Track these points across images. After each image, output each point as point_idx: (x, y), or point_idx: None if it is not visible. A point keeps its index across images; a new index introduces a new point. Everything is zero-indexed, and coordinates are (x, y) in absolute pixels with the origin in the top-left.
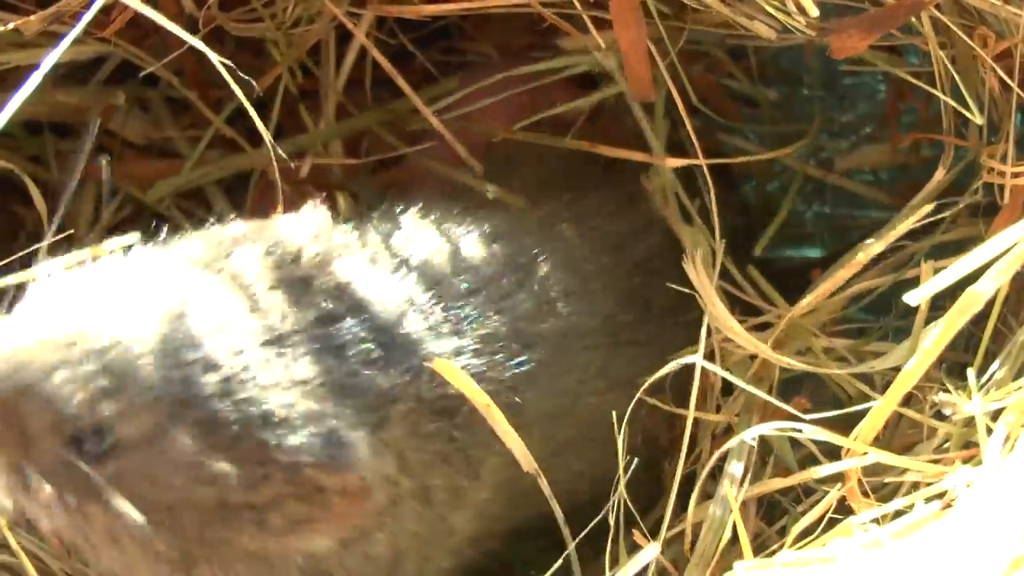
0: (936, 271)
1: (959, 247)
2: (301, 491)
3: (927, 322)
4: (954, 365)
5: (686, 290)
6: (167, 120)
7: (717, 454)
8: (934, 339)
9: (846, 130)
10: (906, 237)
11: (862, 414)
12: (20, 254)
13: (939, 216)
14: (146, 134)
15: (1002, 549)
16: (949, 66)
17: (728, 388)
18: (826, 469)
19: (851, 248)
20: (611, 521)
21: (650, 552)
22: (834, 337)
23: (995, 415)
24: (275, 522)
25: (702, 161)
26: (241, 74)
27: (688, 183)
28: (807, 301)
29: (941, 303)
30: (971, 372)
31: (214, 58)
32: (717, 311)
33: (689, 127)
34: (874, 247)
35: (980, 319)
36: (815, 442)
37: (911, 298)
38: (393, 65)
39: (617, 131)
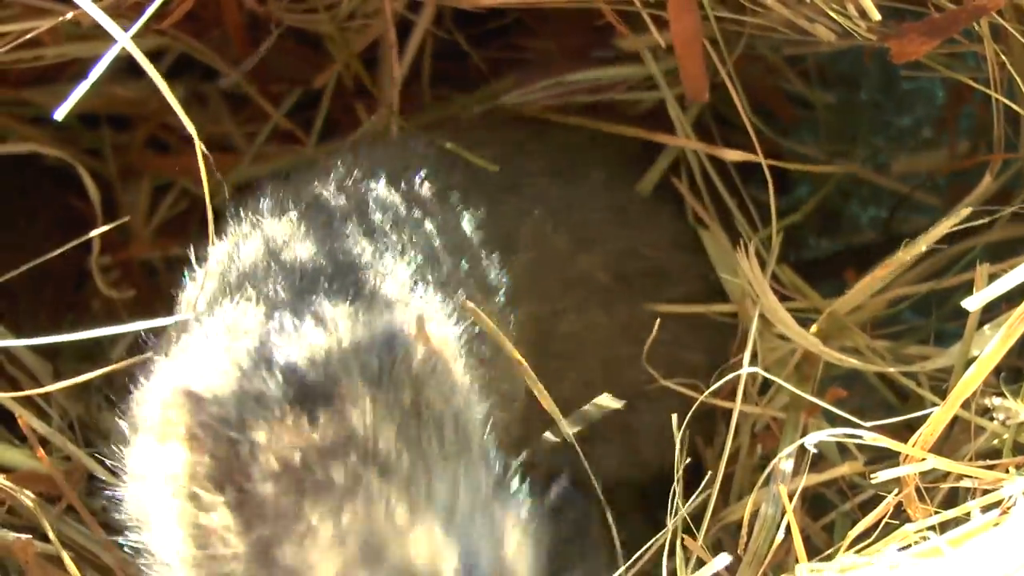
0: (991, 276)
1: (1009, 248)
2: None
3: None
4: (1005, 369)
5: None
6: (225, 114)
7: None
8: (995, 344)
9: (903, 134)
10: (954, 239)
11: (914, 417)
12: (73, 243)
13: (987, 219)
14: (203, 128)
15: None
16: (1010, 68)
17: (765, 383)
18: (885, 474)
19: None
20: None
21: (722, 560)
22: (876, 338)
23: None
24: None
25: (759, 159)
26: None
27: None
28: (847, 297)
29: (990, 304)
30: None
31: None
32: (769, 302)
33: (746, 120)
34: (915, 246)
35: None
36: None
37: (970, 304)
38: (449, 63)
39: None
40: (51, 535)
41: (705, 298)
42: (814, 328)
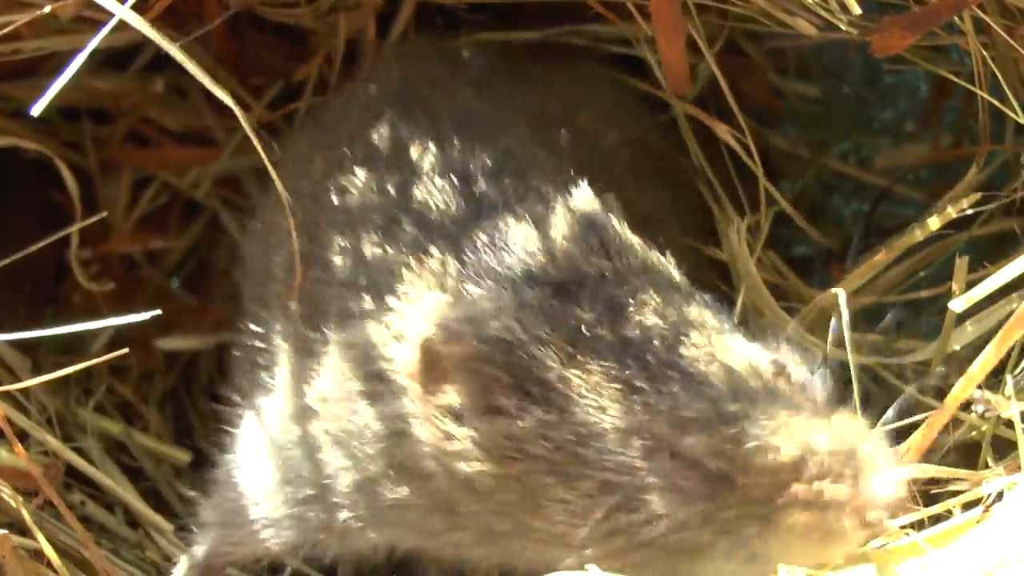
0: (971, 276)
1: (996, 242)
2: None
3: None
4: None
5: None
6: (205, 108)
7: None
8: (988, 353)
9: (887, 128)
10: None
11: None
12: (53, 237)
13: (975, 210)
14: (183, 122)
15: None
16: (991, 63)
17: None
18: None
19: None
20: None
21: None
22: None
23: None
24: None
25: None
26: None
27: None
28: (835, 290)
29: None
30: (1009, 378)
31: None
32: (754, 283)
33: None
34: (902, 242)
35: None
36: None
37: (956, 305)
38: None
39: None
40: (35, 532)
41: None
42: (799, 316)
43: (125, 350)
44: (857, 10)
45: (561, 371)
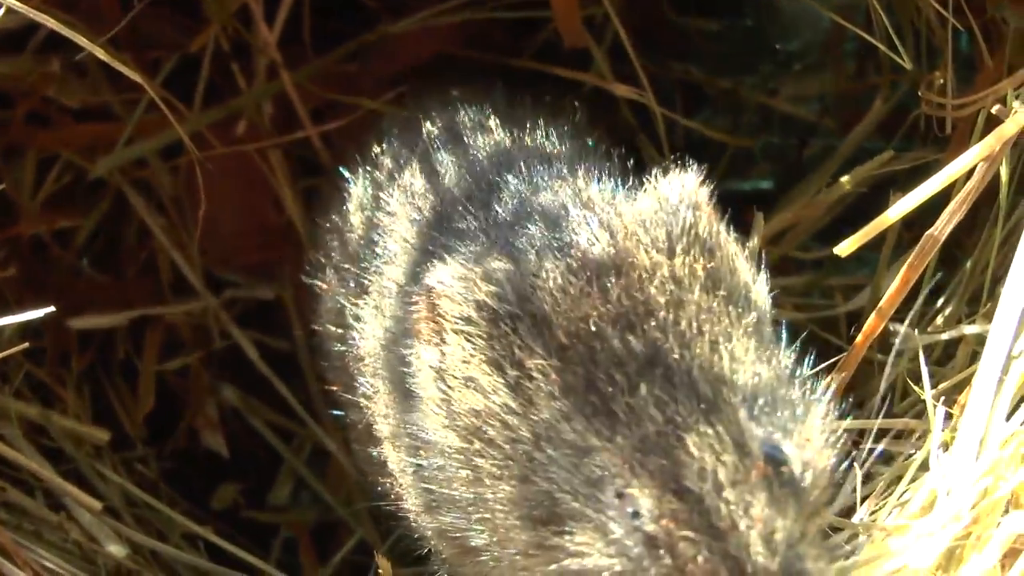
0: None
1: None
2: None
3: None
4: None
5: None
6: (104, 84)
7: None
8: (896, 286)
9: (791, 59)
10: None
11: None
12: None
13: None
14: (83, 99)
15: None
16: None
17: None
18: None
19: (800, 180)
20: None
21: None
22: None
23: (948, 345)
24: None
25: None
26: None
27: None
28: (758, 241)
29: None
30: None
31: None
32: None
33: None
34: (821, 178)
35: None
36: None
37: (841, 249)
38: (333, 9)
39: None
40: None
41: None
42: None
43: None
44: None
45: (545, 362)
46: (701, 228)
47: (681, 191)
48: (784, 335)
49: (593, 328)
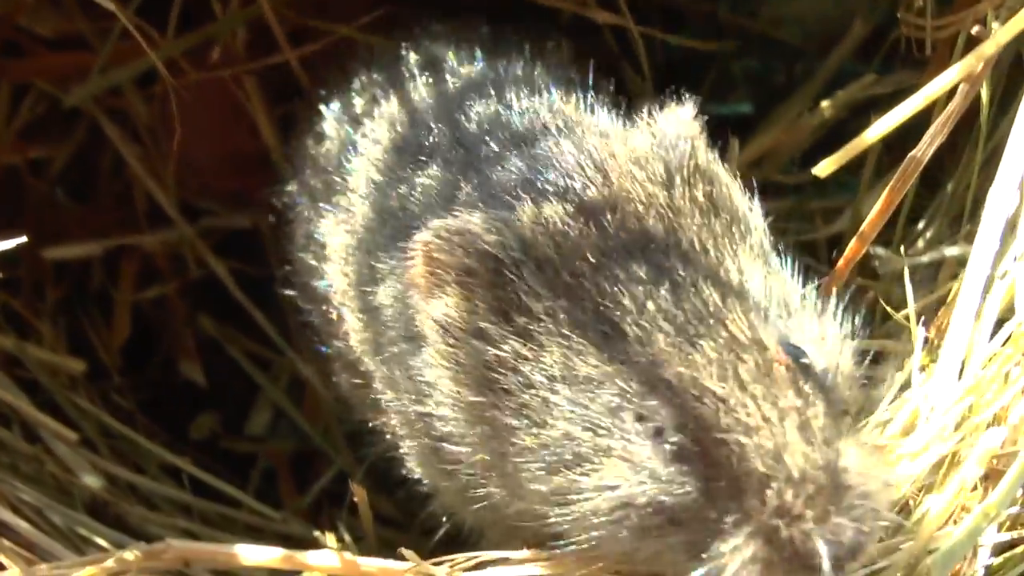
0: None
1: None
2: None
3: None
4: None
5: None
6: (76, 12)
7: None
8: (877, 208)
9: None
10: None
11: None
12: None
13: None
14: (57, 27)
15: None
16: None
17: None
18: None
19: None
20: None
21: None
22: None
23: (929, 268)
24: None
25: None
26: None
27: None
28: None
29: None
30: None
31: None
32: None
33: None
34: (801, 102)
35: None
36: None
37: (820, 170)
38: None
39: None
40: None
41: None
42: None
43: None
44: None
45: (552, 302)
46: (700, 159)
47: (677, 124)
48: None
49: (595, 262)
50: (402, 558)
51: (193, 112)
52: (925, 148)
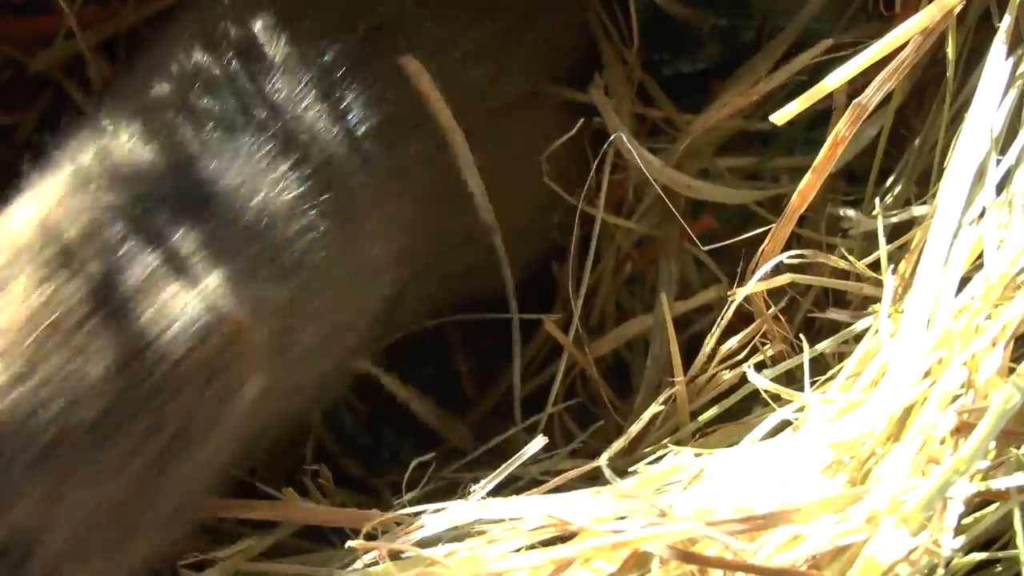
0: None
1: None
2: (196, 382)
3: None
4: (864, 173)
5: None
6: None
7: None
8: (823, 156)
9: None
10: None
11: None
12: None
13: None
14: None
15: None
16: None
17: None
18: (745, 290)
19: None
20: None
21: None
22: (733, 155)
23: (896, 228)
24: (201, 426)
25: None
26: None
27: None
28: (706, 115)
29: None
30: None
31: None
32: (620, 137)
33: None
34: (767, 56)
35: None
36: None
37: (778, 118)
38: None
39: None
40: None
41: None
42: (673, 155)
43: None
44: None
45: None
46: None
47: None
48: None
49: None
50: None
51: None
52: (872, 95)
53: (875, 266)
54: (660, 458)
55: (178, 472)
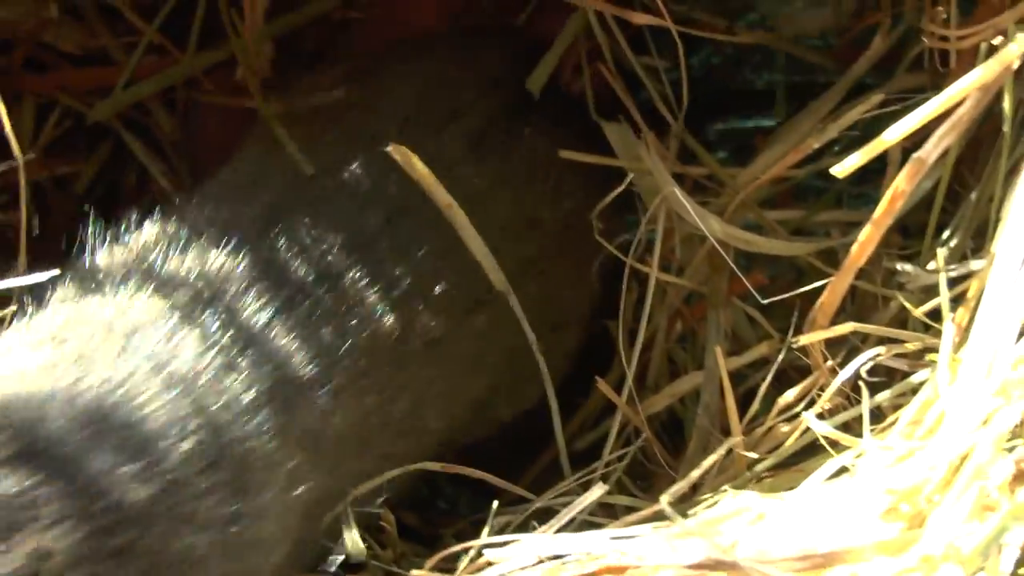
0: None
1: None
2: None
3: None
4: (918, 227)
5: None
6: (100, 28)
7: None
8: (882, 209)
9: None
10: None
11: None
12: None
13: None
14: (81, 43)
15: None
16: None
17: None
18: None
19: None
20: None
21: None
22: (784, 208)
23: (951, 282)
24: None
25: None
26: None
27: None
28: (752, 170)
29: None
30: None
31: None
32: (674, 194)
33: None
34: (815, 111)
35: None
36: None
37: (839, 171)
38: None
39: None
40: None
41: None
42: (724, 209)
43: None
44: None
45: None
46: None
47: None
48: None
49: None
50: None
51: (216, 128)
52: (932, 148)
53: (930, 319)
54: (717, 503)
55: None
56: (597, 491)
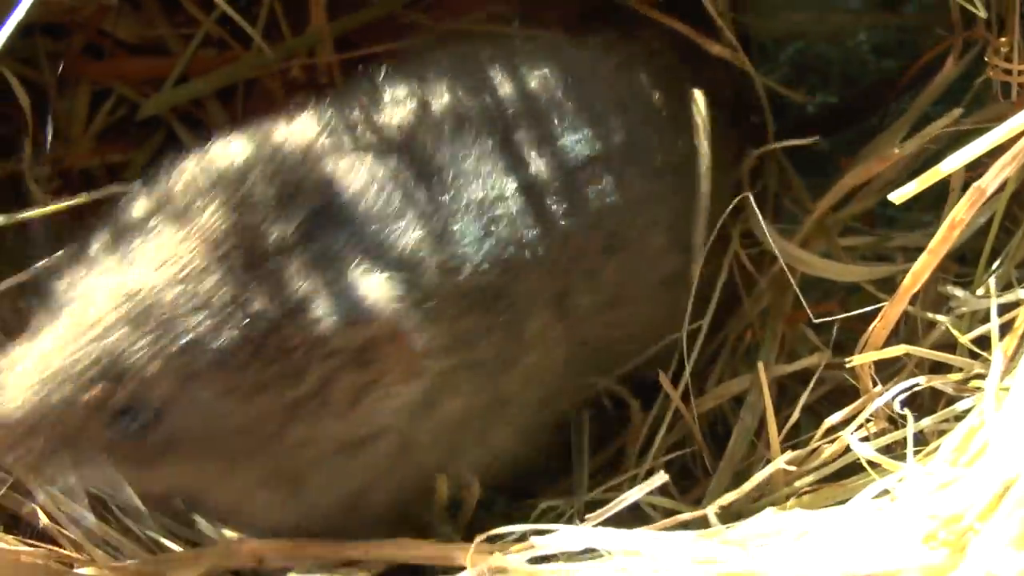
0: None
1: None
2: (342, 359)
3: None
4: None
5: None
6: (159, 18)
7: None
8: (939, 238)
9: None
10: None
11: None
12: None
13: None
14: (138, 33)
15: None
16: None
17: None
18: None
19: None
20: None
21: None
22: (854, 234)
23: (1000, 310)
24: (339, 399)
25: None
26: None
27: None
28: (829, 201)
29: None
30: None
31: None
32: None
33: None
34: (891, 139)
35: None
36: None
37: (896, 197)
38: None
39: None
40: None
41: None
42: (798, 236)
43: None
44: None
45: None
46: None
47: None
48: None
49: None
50: None
51: None
52: (991, 179)
53: (977, 345)
54: (757, 513)
55: (301, 432)
56: (657, 479)
